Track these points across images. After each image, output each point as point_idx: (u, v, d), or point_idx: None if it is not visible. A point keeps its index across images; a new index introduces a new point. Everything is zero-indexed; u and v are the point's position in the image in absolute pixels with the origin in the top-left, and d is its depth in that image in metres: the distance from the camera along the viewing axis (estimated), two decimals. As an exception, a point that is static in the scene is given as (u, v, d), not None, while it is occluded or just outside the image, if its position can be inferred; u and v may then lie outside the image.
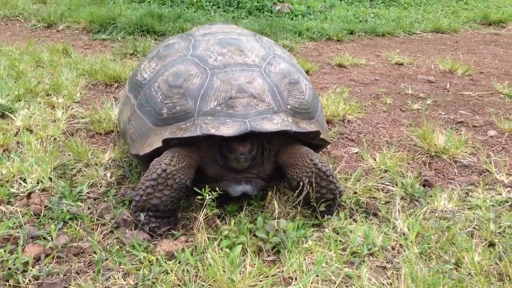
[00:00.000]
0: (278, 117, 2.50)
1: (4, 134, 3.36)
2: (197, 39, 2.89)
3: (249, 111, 2.45)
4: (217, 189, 2.44)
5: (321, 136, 2.72)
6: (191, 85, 2.55)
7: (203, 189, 2.38)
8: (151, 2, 8.51)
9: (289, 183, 2.61)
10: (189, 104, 2.50)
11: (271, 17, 8.19)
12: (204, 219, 2.42)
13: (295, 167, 2.53)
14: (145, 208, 2.40)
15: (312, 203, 2.50)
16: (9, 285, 2.06)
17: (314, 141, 2.74)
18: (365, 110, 4.37)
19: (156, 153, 2.50)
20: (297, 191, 2.50)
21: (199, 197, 2.39)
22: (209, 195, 2.37)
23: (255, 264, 2.19)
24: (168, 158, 2.40)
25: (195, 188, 2.42)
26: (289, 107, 2.61)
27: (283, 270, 2.18)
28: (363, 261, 2.28)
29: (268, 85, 2.59)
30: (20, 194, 2.76)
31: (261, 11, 8.51)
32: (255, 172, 2.64)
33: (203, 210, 2.40)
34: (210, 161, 2.61)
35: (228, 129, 2.38)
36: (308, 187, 2.46)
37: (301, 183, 2.48)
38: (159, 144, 2.47)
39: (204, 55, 2.70)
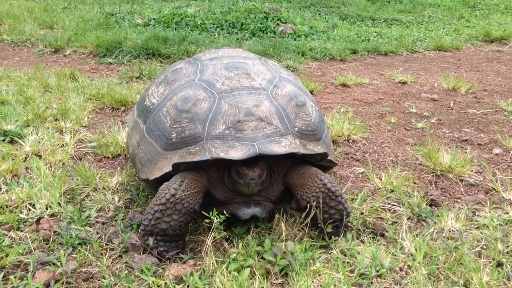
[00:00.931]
0: (286, 140, 2.53)
1: (13, 159, 3.40)
2: (204, 64, 2.94)
3: (257, 134, 2.48)
4: (225, 212, 2.46)
5: (328, 157, 2.73)
6: (199, 110, 2.58)
7: (211, 213, 2.40)
8: (156, 26, 8.63)
9: (298, 204, 2.62)
10: (197, 129, 2.53)
11: (274, 38, 8.28)
12: (212, 242, 2.43)
13: (304, 187, 2.55)
14: (154, 233, 2.42)
15: (319, 224, 2.51)
16: (20, 311, 2.07)
17: (322, 163, 2.75)
18: (369, 129, 4.39)
19: (165, 177, 2.53)
20: (305, 212, 2.51)
21: (207, 220, 2.41)
22: (217, 218, 2.38)
23: (263, 287, 2.20)
24: (177, 183, 2.42)
25: (203, 212, 2.44)
26: (296, 129, 2.63)
27: (291, 293, 2.18)
28: (371, 282, 2.28)
29: (275, 108, 2.62)
30: (30, 220, 2.78)
31: (265, 32, 8.61)
32: (264, 194, 2.66)
33: (211, 233, 2.42)
34: (219, 184, 2.63)
35: (237, 153, 2.40)
36: (316, 208, 2.47)
37: (310, 204, 2.49)
38: (169, 168, 2.49)
39: (211, 80, 2.74)
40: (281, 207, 2.85)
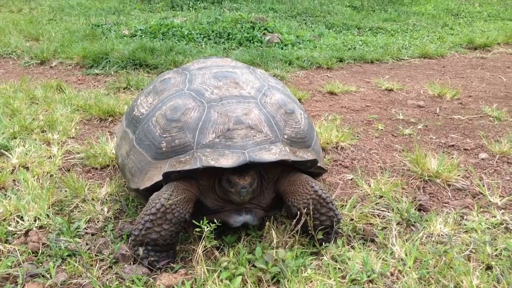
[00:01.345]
0: (275, 147, 2.54)
1: (0, 172, 3.36)
2: (193, 73, 2.95)
3: (247, 142, 2.49)
4: (216, 220, 2.46)
5: (318, 164, 2.74)
6: (189, 119, 2.58)
7: (201, 221, 2.39)
8: (143, 36, 8.62)
9: (289, 211, 2.63)
10: (187, 137, 2.53)
11: (261, 47, 8.32)
12: (202, 251, 2.43)
13: (295, 194, 2.56)
14: (144, 243, 2.41)
15: (310, 231, 2.51)
16: (9, 325, 2.04)
17: (312, 169, 2.77)
18: (357, 136, 4.43)
19: (156, 187, 2.52)
20: (295, 219, 2.52)
21: (198, 229, 2.41)
22: (207, 227, 2.38)
23: (255, 295, 2.20)
24: (167, 192, 2.42)
25: (193, 221, 2.44)
26: (285, 136, 2.64)
27: (283, 300, 2.18)
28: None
29: (264, 116, 2.64)
30: (18, 232, 2.75)
31: (251, 41, 8.65)
32: (255, 202, 2.66)
33: (201, 242, 2.41)
34: (210, 193, 2.63)
35: (227, 161, 2.40)
36: (306, 215, 2.48)
37: (300, 211, 2.50)
38: (159, 177, 2.48)
39: (200, 89, 2.75)
40: (272, 214, 2.85)
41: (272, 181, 2.72)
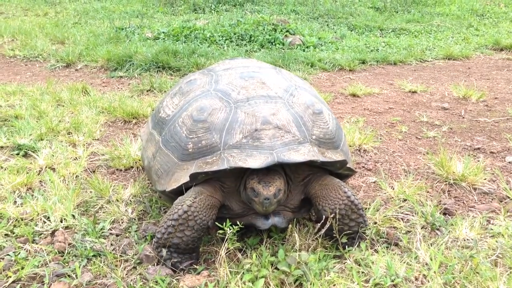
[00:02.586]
0: (304, 148, 2.50)
1: (27, 173, 3.44)
2: (219, 74, 2.93)
3: (275, 142, 2.46)
4: (240, 223, 2.47)
5: (347, 165, 2.69)
6: (215, 119, 2.57)
7: (224, 224, 2.40)
8: (166, 39, 8.71)
9: (319, 215, 2.60)
10: (214, 138, 2.52)
11: (283, 49, 8.32)
12: (225, 253, 2.43)
13: (327, 198, 2.54)
14: (166, 246, 2.43)
15: (334, 235, 2.50)
16: (36, 323, 2.08)
17: (340, 171, 2.73)
18: (380, 139, 4.39)
19: (182, 189, 2.53)
20: (320, 223, 2.51)
21: (221, 231, 2.42)
22: (230, 229, 2.39)
23: (278, 297, 2.19)
24: (191, 199, 2.41)
25: (216, 223, 2.45)
26: (314, 137, 2.61)
27: (306, 304, 2.18)
28: (387, 292, 2.27)
29: (292, 116, 2.61)
30: (44, 232, 2.81)
31: (273, 43, 8.66)
32: (283, 203, 2.61)
33: (224, 244, 2.42)
34: (235, 196, 2.61)
35: (255, 161, 2.37)
36: (332, 219, 2.46)
37: (329, 214, 2.48)
38: (186, 179, 2.47)
39: (227, 89, 2.73)
40: (300, 216, 2.82)
41: (302, 182, 2.68)
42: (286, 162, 2.41)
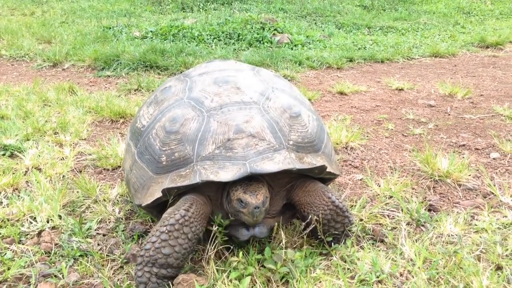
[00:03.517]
0: (279, 155, 2.39)
1: (13, 173, 3.42)
2: (193, 80, 2.80)
3: (248, 152, 2.35)
4: (224, 230, 2.44)
5: (328, 169, 2.57)
6: (187, 130, 2.46)
7: (215, 217, 2.43)
8: (154, 38, 8.69)
9: (304, 221, 2.55)
10: (187, 150, 2.41)
11: (271, 48, 8.33)
12: (213, 252, 2.44)
13: (312, 205, 2.49)
14: (153, 261, 2.21)
15: (319, 236, 2.52)
16: (22, 324, 2.08)
17: (322, 175, 2.63)
18: (367, 136, 4.42)
19: (160, 203, 2.45)
20: (303, 224, 2.51)
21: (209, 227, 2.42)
22: (218, 227, 2.40)
23: (264, 295, 2.21)
24: (187, 205, 2.31)
25: (208, 227, 2.43)
26: (291, 142, 2.50)
27: (292, 300, 2.19)
28: (372, 288, 2.30)
29: (267, 122, 2.49)
30: (31, 233, 2.80)
31: (261, 42, 8.67)
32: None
33: (212, 242, 2.43)
34: (218, 209, 2.52)
35: (226, 173, 2.28)
36: (316, 222, 2.46)
37: (315, 222, 2.46)
38: (160, 193, 2.38)
39: (200, 97, 2.61)
40: (284, 222, 2.72)
41: (284, 189, 2.61)
42: (259, 173, 2.30)
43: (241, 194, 2.32)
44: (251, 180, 2.36)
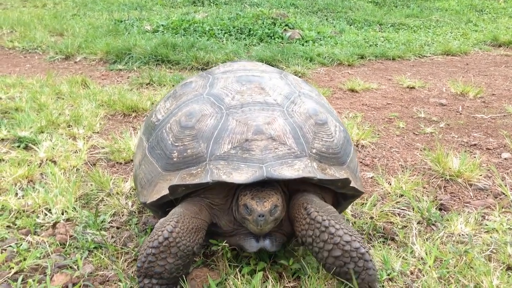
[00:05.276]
0: (300, 162, 2.23)
1: (28, 165, 3.47)
2: (216, 77, 2.69)
3: (266, 155, 2.20)
4: (229, 241, 2.35)
5: (352, 184, 2.34)
6: (204, 126, 2.33)
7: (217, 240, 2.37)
8: (165, 32, 8.72)
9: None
10: (201, 147, 2.28)
11: (282, 43, 8.33)
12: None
13: (294, 219, 2.28)
14: (148, 275, 2.16)
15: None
16: (39, 314, 2.13)
17: (344, 190, 2.42)
18: (378, 134, 4.43)
19: (166, 201, 2.33)
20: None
21: (214, 247, 2.41)
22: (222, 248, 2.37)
23: (276, 290, 2.24)
24: (172, 223, 2.14)
25: (210, 240, 2.37)
26: (314, 151, 2.32)
27: (304, 296, 2.22)
28: (383, 286, 2.32)
29: (290, 126, 2.33)
30: (46, 224, 2.84)
31: (272, 37, 8.66)
32: (276, 227, 2.30)
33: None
34: (225, 214, 2.36)
35: (240, 176, 2.13)
36: (299, 240, 2.25)
37: (304, 239, 2.22)
38: (167, 191, 2.24)
39: (220, 94, 2.49)
40: (295, 241, 2.50)
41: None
42: (276, 178, 2.14)
43: (248, 200, 2.17)
44: (264, 186, 2.21)
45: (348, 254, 2.10)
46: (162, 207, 2.38)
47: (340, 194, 2.49)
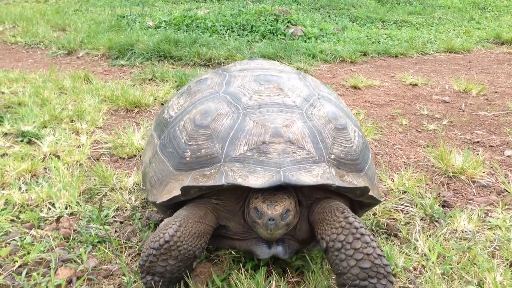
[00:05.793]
0: (318, 168, 2.14)
1: (32, 160, 3.47)
2: (233, 75, 2.59)
3: (284, 159, 2.11)
4: (240, 246, 2.29)
5: (370, 193, 2.26)
6: (219, 126, 2.24)
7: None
8: (167, 28, 8.71)
9: (320, 244, 2.16)
10: (215, 148, 2.19)
11: (285, 40, 8.32)
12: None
13: (323, 222, 2.15)
14: (150, 273, 2.13)
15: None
16: (44, 307, 2.13)
17: (361, 198, 2.32)
18: (381, 131, 4.43)
19: (176, 202, 2.25)
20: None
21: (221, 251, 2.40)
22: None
23: (280, 285, 2.24)
24: (174, 226, 2.09)
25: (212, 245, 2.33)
26: (333, 156, 2.23)
27: (307, 291, 2.23)
28: (386, 282, 2.32)
29: (309, 129, 2.24)
30: (50, 219, 2.85)
31: (275, 34, 8.66)
32: (289, 233, 2.23)
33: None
34: (236, 216, 2.28)
35: (257, 179, 2.04)
36: (325, 244, 2.10)
37: (330, 243, 2.07)
38: (179, 191, 2.16)
39: (237, 93, 2.40)
40: (310, 248, 2.41)
41: (305, 207, 2.31)
42: (294, 184, 2.05)
43: (259, 203, 2.08)
44: (277, 189, 2.11)
45: (376, 268, 1.98)
46: (172, 206, 2.30)
47: (356, 201, 2.39)
